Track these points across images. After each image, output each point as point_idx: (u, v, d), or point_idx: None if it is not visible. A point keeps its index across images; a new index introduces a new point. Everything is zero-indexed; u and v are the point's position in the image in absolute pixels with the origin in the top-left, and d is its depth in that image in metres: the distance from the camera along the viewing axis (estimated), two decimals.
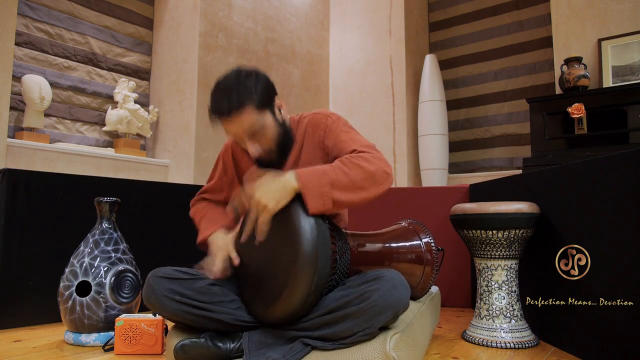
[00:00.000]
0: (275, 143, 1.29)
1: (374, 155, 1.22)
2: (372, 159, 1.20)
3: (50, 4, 3.06)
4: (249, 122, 1.22)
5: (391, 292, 1.10)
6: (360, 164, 1.18)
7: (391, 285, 1.11)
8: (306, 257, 1.07)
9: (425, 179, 3.90)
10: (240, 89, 1.21)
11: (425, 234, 1.53)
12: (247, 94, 1.21)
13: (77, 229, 1.99)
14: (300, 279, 1.08)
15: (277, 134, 1.29)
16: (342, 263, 1.22)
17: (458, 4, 4.32)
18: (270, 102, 1.27)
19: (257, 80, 1.25)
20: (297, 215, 1.11)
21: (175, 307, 1.21)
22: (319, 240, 1.10)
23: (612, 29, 3.15)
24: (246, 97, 1.20)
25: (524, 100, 3.50)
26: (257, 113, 1.22)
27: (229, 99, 1.20)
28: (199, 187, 1.63)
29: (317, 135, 1.35)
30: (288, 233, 1.12)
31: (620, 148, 2.62)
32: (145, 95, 3.63)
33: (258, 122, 1.23)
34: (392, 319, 1.12)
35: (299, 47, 4.29)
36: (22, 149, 2.68)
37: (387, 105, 4.17)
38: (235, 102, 1.20)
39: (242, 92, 1.21)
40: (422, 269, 1.48)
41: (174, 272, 1.27)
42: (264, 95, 1.24)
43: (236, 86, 1.21)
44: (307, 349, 1.13)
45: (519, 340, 1.65)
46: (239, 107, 1.20)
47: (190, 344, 1.17)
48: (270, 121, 1.27)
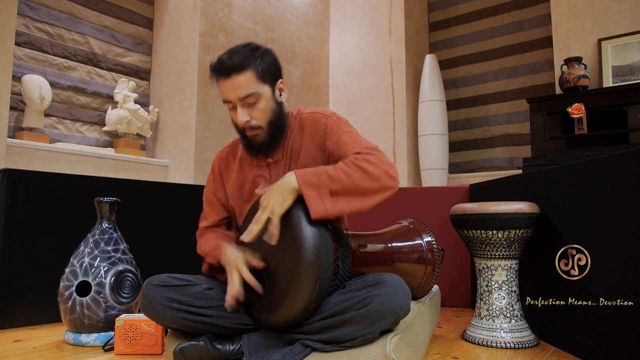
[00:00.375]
0: (267, 120, 1.27)
1: (379, 157, 1.18)
2: (377, 162, 1.17)
3: (50, 4, 3.06)
4: (245, 86, 1.22)
5: (392, 297, 1.09)
6: (364, 167, 1.15)
7: (392, 291, 1.09)
8: (308, 265, 1.06)
9: (425, 179, 3.90)
10: (245, 53, 1.23)
11: (427, 233, 1.53)
12: (251, 59, 1.23)
13: (77, 229, 1.99)
14: (302, 286, 1.07)
15: (271, 111, 1.28)
16: (344, 267, 1.22)
17: (458, 4, 4.32)
18: (272, 78, 1.28)
19: (264, 53, 1.27)
20: (299, 221, 1.10)
21: (173, 314, 1.20)
22: (321, 247, 1.09)
23: (612, 29, 3.15)
24: (249, 62, 1.22)
25: (524, 100, 3.50)
26: (256, 81, 1.23)
27: (231, 59, 1.22)
28: (199, 187, 1.62)
29: (317, 136, 1.32)
30: (290, 239, 1.11)
31: (620, 148, 2.62)
32: (145, 95, 3.63)
33: (254, 90, 1.23)
34: (392, 325, 1.12)
35: (299, 47, 4.29)
36: (22, 149, 2.68)
37: (387, 105, 4.17)
38: (237, 63, 1.21)
39: (246, 56, 1.23)
40: (423, 269, 1.48)
41: (169, 279, 1.25)
42: (267, 67, 1.26)
43: (242, 51, 1.24)
44: (306, 351, 1.12)
45: (519, 340, 1.65)
46: (239, 69, 1.21)
47: (190, 347, 1.17)
48: (268, 95, 1.27)
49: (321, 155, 1.32)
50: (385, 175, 1.16)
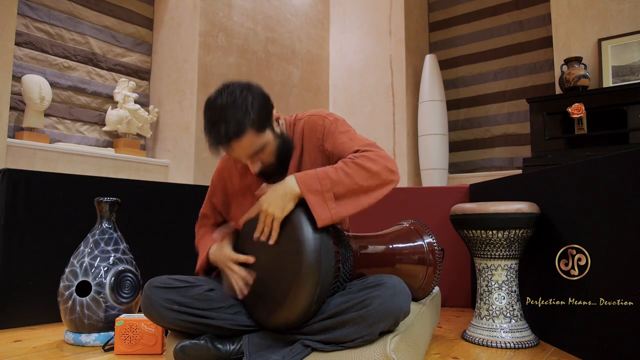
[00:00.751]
0: (275, 157, 1.25)
1: (377, 153, 1.19)
2: (376, 158, 1.17)
3: (50, 4, 3.06)
4: (249, 146, 1.17)
5: (392, 299, 1.09)
6: (363, 164, 1.15)
7: (392, 293, 1.09)
8: (309, 268, 1.06)
9: (425, 179, 3.90)
10: (237, 114, 1.14)
11: (428, 234, 1.52)
12: (244, 119, 1.14)
13: (77, 229, 1.99)
14: (303, 289, 1.07)
15: (277, 149, 1.25)
16: (345, 270, 1.21)
17: (458, 4, 4.32)
18: (268, 119, 1.21)
19: (252, 99, 1.17)
20: (300, 223, 1.10)
21: (174, 316, 1.21)
22: (322, 250, 1.09)
23: (612, 29, 3.15)
24: (243, 123, 1.14)
25: (524, 100, 3.50)
26: (257, 135, 1.17)
27: (227, 128, 1.13)
28: (198, 187, 1.63)
29: (315, 138, 1.32)
30: (291, 242, 1.11)
31: (620, 148, 2.62)
32: (145, 95, 3.63)
33: (259, 143, 1.18)
34: (392, 326, 1.12)
35: (299, 47, 4.29)
36: (22, 149, 2.68)
37: (387, 105, 4.17)
38: (234, 130, 1.13)
39: (239, 117, 1.14)
40: (425, 270, 1.47)
41: (171, 281, 1.25)
42: (262, 115, 1.18)
43: (232, 112, 1.14)
44: (306, 351, 1.12)
45: (519, 340, 1.65)
46: (239, 135, 1.14)
47: (190, 346, 1.17)
48: (270, 138, 1.22)
49: (321, 157, 1.32)
50: (386, 170, 1.17)
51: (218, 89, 1.20)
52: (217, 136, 1.16)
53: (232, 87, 1.19)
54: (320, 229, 1.11)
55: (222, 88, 1.20)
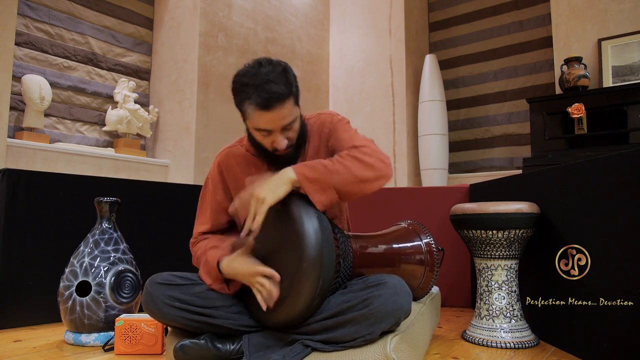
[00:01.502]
0: (297, 137, 1.28)
1: (372, 148, 1.23)
2: (371, 152, 1.21)
3: (50, 4, 3.06)
4: (288, 114, 1.20)
5: (393, 298, 1.09)
6: (358, 156, 1.19)
7: (393, 292, 1.10)
8: (310, 262, 1.07)
9: (425, 179, 3.90)
10: (282, 80, 1.18)
11: (426, 234, 1.53)
12: (288, 86, 1.19)
13: (77, 229, 1.99)
14: (305, 284, 1.07)
15: (299, 129, 1.29)
16: (346, 266, 1.22)
17: (458, 4, 4.32)
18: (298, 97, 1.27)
19: (293, 76, 1.24)
20: (300, 218, 1.10)
21: (175, 313, 1.21)
22: (323, 244, 1.09)
23: (612, 29, 3.15)
24: (288, 90, 1.19)
25: (524, 100, 3.50)
26: (294, 107, 1.22)
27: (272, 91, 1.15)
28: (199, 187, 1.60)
29: (323, 135, 1.35)
30: (292, 237, 1.11)
31: (620, 148, 2.62)
32: (145, 95, 3.63)
33: (293, 115, 1.23)
34: (393, 326, 1.12)
35: (299, 47, 4.29)
36: (22, 149, 2.68)
37: (387, 105, 4.17)
38: (279, 94, 1.16)
39: (284, 84, 1.18)
40: (423, 270, 1.48)
41: (172, 278, 1.25)
42: (298, 89, 1.25)
43: (278, 77, 1.18)
44: (307, 351, 1.12)
45: (519, 340, 1.65)
46: (281, 99, 1.17)
47: (190, 345, 1.17)
48: (299, 116, 1.27)
49: (325, 153, 1.34)
50: (380, 163, 1.20)
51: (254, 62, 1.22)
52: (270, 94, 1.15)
53: (272, 60, 1.22)
54: (321, 226, 1.11)
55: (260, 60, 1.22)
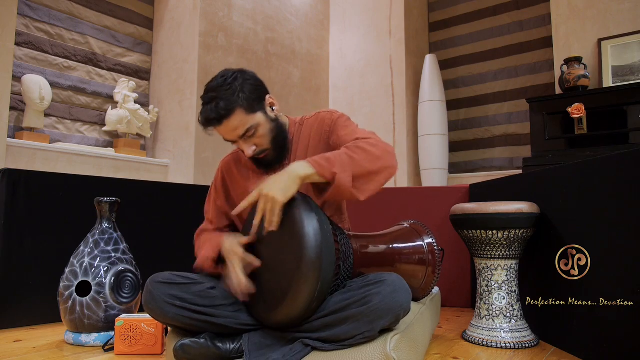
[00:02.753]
0: (270, 141, 1.29)
1: (376, 139, 1.24)
2: (375, 143, 1.21)
3: (50, 4, 3.06)
4: (240, 125, 1.23)
5: (392, 296, 1.09)
6: (364, 147, 1.19)
7: (392, 289, 1.10)
8: (310, 264, 1.06)
9: (425, 179, 3.90)
10: (227, 94, 1.21)
11: (427, 234, 1.52)
12: (235, 98, 1.21)
13: (77, 229, 1.99)
14: (304, 285, 1.07)
15: (270, 132, 1.29)
16: (345, 267, 1.22)
17: (458, 4, 4.32)
18: (259, 103, 1.27)
19: (243, 81, 1.25)
20: (301, 219, 1.10)
21: (176, 312, 1.21)
22: (323, 246, 1.08)
23: (612, 29, 3.15)
24: (234, 101, 1.21)
25: (524, 100, 3.50)
26: (247, 115, 1.23)
27: (217, 106, 1.20)
28: (199, 187, 1.62)
29: (323, 132, 1.36)
30: (292, 238, 1.11)
31: (620, 148, 2.62)
32: (145, 95, 3.63)
33: (249, 123, 1.24)
34: (393, 323, 1.12)
35: (299, 47, 4.29)
36: (22, 149, 2.68)
37: (387, 105, 4.17)
38: (223, 109, 1.20)
39: (229, 96, 1.21)
40: (424, 271, 1.48)
41: (173, 277, 1.26)
42: (252, 96, 1.24)
43: (223, 92, 1.21)
44: (307, 350, 1.12)
45: (519, 340, 1.65)
46: (228, 113, 1.21)
47: (190, 344, 1.17)
48: (262, 120, 1.27)
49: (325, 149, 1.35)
50: (386, 154, 1.20)
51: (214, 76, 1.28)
52: (209, 114, 1.22)
53: (226, 71, 1.28)
54: (321, 227, 1.10)
55: (218, 73, 1.28)
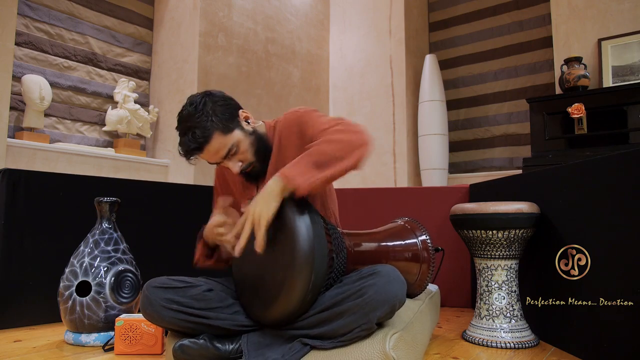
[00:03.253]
0: (252, 153, 1.32)
1: (344, 124, 1.22)
2: (344, 129, 1.20)
3: (50, 4, 3.06)
4: (220, 148, 1.25)
5: (387, 287, 1.10)
6: (332, 138, 1.18)
7: (387, 280, 1.12)
8: (303, 256, 1.08)
9: (425, 179, 3.90)
10: (200, 121, 1.22)
11: (422, 231, 1.53)
12: (209, 123, 1.23)
13: (77, 229, 1.99)
14: (298, 278, 1.08)
15: (251, 146, 1.31)
16: (339, 262, 1.23)
17: (458, 4, 4.32)
18: (233, 120, 1.29)
19: (213, 104, 1.26)
20: (292, 215, 1.12)
21: (173, 316, 1.22)
22: (315, 239, 1.10)
23: (612, 29, 3.15)
24: (209, 127, 1.22)
25: (524, 100, 3.50)
26: (225, 136, 1.25)
27: (194, 135, 1.22)
28: (199, 187, 1.63)
29: (291, 133, 1.35)
30: (284, 234, 1.12)
31: (620, 148, 2.62)
32: (145, 95, 3.63)
33: (229, 144, 1.26)
34: (388, 314, 1.13)
35: (299, 47, 4.29)
36: (22, 149, 2.68)
37: (387, 105, 4.17)
38: (200, 136, 1.22)
39: (203, 123, 1.22)
40: (418, 267, 1.48)
41: (169, 281, 1.27)
42: (224, 116, 1.26)
43: (196, 120, 1.22)
44: (306, 349, 1.13)
45: (519, 340, 1.65)
46: (206, 140, 1.23)
47: (190, 345, 1.17)
48: (240, 136, 1.29)
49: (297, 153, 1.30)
50: (356, 136, 1.18)
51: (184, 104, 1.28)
52: (188, 145, 1.23)
53: (193, 97, 1.28)
54: (312, 221, 1.12)
55: (186, 101, 1.29)
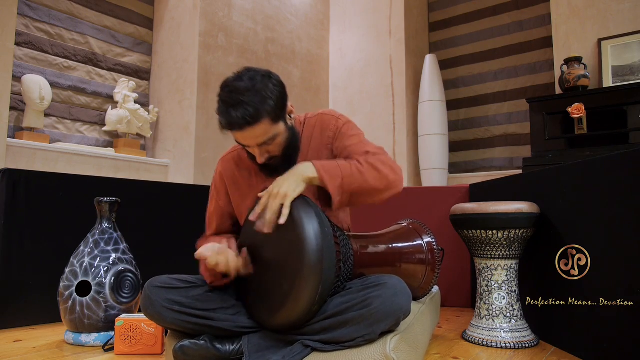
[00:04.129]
0: (283, 149, 1.23)
1: (388, 157, 1.24)
2: (386, 161, 1.22)
3: (50, 4, 3.06)
4: (262, 134, 1.16)
5: (393, 299, 1.09)
6: (375, 165, 1.19)
7: (393, 293, 1.10)
8: (311, 267, 1.06)
9: (425, 179, 3.90)
10: (255, 100, 1.12)
11: (427, 233, 1.52)
12: (264, 106, 1.13)
13: (77, 229, 1.99)
14: (305, 288, 1.07)
15: (286, 141, 1.23)
16: (346, 268, 1.21)
17: (458, 4, 4.32)
18: (284, 110, 1.21)
19: (273, 87, 1.16)
20: (301, 221, 1.10)
21: (174, 316, 1.20)
22: (324, 249, 1.08)
23: (612, 29, 3.15)
24: (263, 110, 1.12)
25: (524, 100, 3.50)
26: (272, 125, 1.16)
27: (245, 112, 1.11)
28: (199, 187, 1.62)
29: (325, 137, 1.33)
30: (292, 240, 1.10)
31: (620, 148, 2.62)
32: (145, 95, 3.63)
33: (271, 133, 1.17)
34: (393, 326, 1.12)
35: (299, 47, 4.29)
36: (22, 149, 2.68)
37: (387, 105, 4.17)
38: (251, 116, 1.11)
39: (257, 104, 1.12)
40: (424, 270, 1.48)
41: (171, 281, 1.25)
42: (279, 105, 1.17)
43: (251, 97, 1.12)
44: (306, 351, 1.12)
45: (519, 340, 1.65)
46: (255, 121, 1.12)
47: (190, 345, 1.17)
48: (283, 130, 1.21)
49: (327, 154, 1.33)
50: (393, 174, 1.22)
51: (238, 72, 1.18)
52: (233, 119, 1.12)
53: (254, 72, 1.18)
54: (321, 229, 1.10)
55: (243, 72, 1.18)
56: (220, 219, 1.44)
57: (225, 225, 1.44)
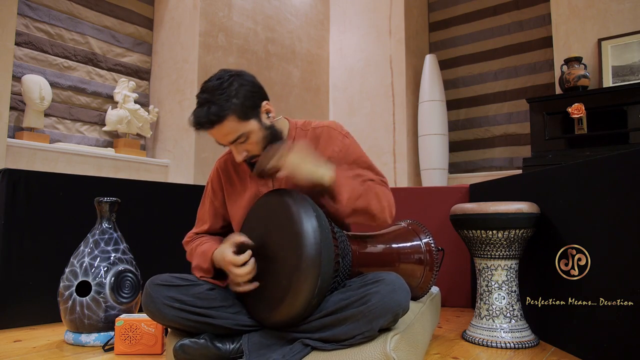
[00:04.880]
0: (262, 148, 1.25)
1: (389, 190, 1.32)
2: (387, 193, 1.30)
3: (50, 4, 3.06)
4: (231, 132, 1.20)
5: (391, 295, 1.10)
6: (378, 194, 1.26)
7: (391, 289, 1.11)
8: (309, 261, 1.07)
9: (425, 179, 3.90)
10: (220, 99, 1.17)
11: (425, 234, 1.53)
12: (228, 104, 1.17)
13: (77, 229, 1.99)
14: (304, 283, 1.07)
15: (263, 139, 1.25)
16: (344, 265, 1.22)
17: (458, 4, 4.32)
18: (253, 110, 1.23)
19: (239, 86, 1.20)
20: (299, 217, 1.11)
21: (175, 314, 1.21)
22: (322, 243, 1.09)
23: (612, 29, 3.15)
24: (226, 108, 1.17)
25: (524, 100, 3.50)
26: (239, 123, 1.19)
27: (209, 110, 1.17)
28: (199, 187, 1.62)
29: (329, 150, 1.34)
30: (291, 236, 1.11)
31: (620, 148, 2.62)
32: (145, 95, 3.63)
33: (240, 131, 1.20)
34: (391, 322, 1.12)
35: (299, 47, 4.29)
36: (22, 149, 2.68)
37: (387, 105, 4.17)
38: (215, 114, 1.16)
39: (222, 102, 1.17)
40: (422, 270, 1.48)
41: (172, 279, 1.26)
42: (245, 103, 1.20)
43: (217, 96, 1.17)
44: (306, 350, 1.13)
45: (519, 340, 1.65)
46: (219, 120, 1.17)
47: (190, 344, 1.17)
48: (255, 128, 1.23)
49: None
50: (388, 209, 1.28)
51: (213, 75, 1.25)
52: (200, 118, 1.19)
53: (224, 72, 1.24)
54: (319, 224, 1.11)
55: (217, 72, 1.25)
56: (214, 218, 1.46)
57: (217, 225, 1.47)
